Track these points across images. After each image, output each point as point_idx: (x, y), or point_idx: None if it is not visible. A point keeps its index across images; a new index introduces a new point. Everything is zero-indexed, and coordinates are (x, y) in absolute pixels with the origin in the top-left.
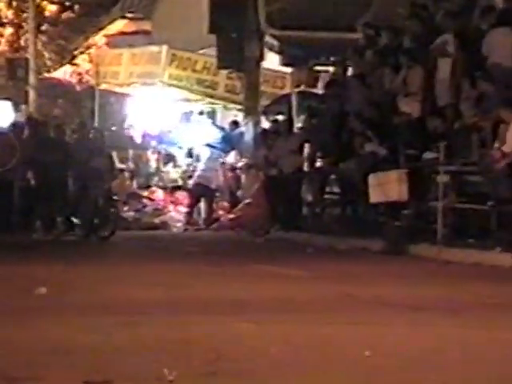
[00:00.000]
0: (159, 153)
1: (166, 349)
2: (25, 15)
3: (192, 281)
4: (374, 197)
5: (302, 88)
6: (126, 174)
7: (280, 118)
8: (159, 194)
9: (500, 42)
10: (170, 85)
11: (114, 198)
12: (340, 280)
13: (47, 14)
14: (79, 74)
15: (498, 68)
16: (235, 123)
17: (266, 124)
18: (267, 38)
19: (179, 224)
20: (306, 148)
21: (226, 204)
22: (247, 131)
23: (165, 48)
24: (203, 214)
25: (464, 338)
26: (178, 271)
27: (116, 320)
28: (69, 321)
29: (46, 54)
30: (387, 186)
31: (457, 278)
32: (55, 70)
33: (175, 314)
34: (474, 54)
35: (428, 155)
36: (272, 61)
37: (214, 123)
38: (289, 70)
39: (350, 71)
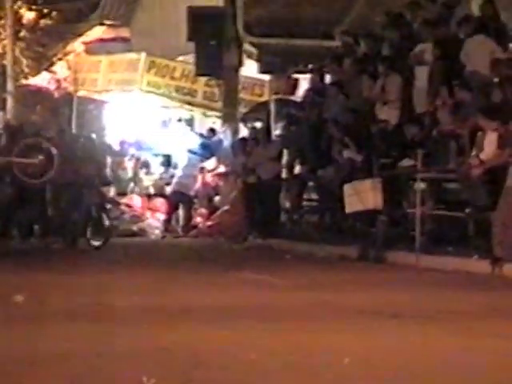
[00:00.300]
0: (137, 160)
1: (145, 356)
2: (2, 22)
3: (170, 288)
4: (350, 206)
5: (281, 95)
6: None
7: (258, 125)
8: (137, 202)
9: (477, 50)
10: (148, 92)
11: (107, 206)
12: (319, 287)
13: (25, 20)
14: (57, 80)
15: (475, 76)
16: (212, 131)
17: (244, 131)
18: (245, 46)
19: (157, 231)
20: (285, 155)
21: (204, 211)
22: (225, 138)
23: (143, 55)
24: (181, 221)
25: (443, 345)
26: (156, 278)
27: (94, 328)
28: (46, 329)
29: (24, 61)
30: (362, 195)
31: (435, 285)
32: (33, 76)
33: (154, 322)
34: (452, 62)
35: (406, 162)
36: (250, 68)
37: (192, 130)
38: (267, 77)
39: (327, 79)
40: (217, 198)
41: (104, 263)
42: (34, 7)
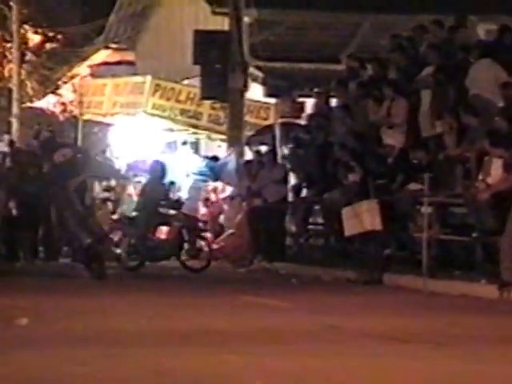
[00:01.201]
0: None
1: (148, 381)
2: (9, 45)
3: (175, 312)
4: (349, 229)
5: (286, 119)
6: (109, 204)
7: (263, 148)
8: None
9: (482, 74)
10: (154, 115)
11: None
12: (324, 311)
13: (31, 44)
14: (63, 103)
15: (479, 99)
16: (215, 158)
17: (249, 154)
18: (251, 69)
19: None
20: (291, 178)
21: (209, 234)
22: (230, 161)
23: (148, 78)
24: (186, 245)
25: (451, 370)
26: (161, 302)
27: (97, 351)
28: (49, 352)
29: (29, 84)
30: (360, 217)
31: (442, 309)
32: (38, 99)
33: (158, 346)
34: (457, 86)
35: (412, 186)
36: (256, 91)
37: (196, 153)
38: (273, 100)
39: (333, 102)
40: (221, 220)
41: (108, 286)
42: (39, 31)
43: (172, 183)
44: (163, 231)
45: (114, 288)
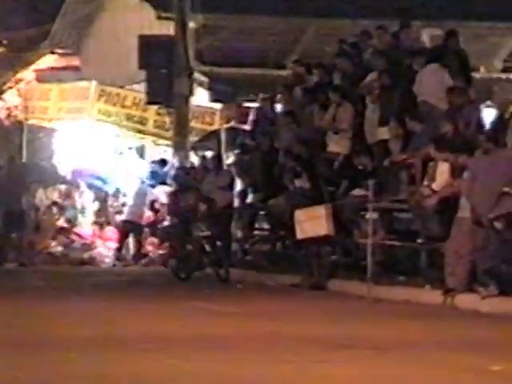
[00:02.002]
0: (89, 188)
1: None
2: None
3: (121, 317)
4: (301, 233)
5: (232, 124)
6: (55, 209)
7: (208, 154)
8: (87, 230)
9: (429, 79)
10: (99, 120)
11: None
12: (269, 317)
13: None
14: (7, 108)
15: (425, 106)
16: (163, 161)
17: (195, 160)
18: (196, 74)
19: (108, 260)
20: (238, 184)
21: (154, 239)
22: (175, 167)
23: (93, 83)
24: (132, 250)
25: (393, 376)
26: (108, 308)
27: (45, 357)
28: None
29: None
30: (315, 222)
31: (386, 315)
32: None
33: (107, 351)
34: (403, 92)
35: (357, 192)
36: (201, 97)
37: (142, 158)
38: (218, 106)
39: (278, 108)
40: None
41: (55, 292)
42: None
43: (117, 190)
44: None
45: (56, 293)
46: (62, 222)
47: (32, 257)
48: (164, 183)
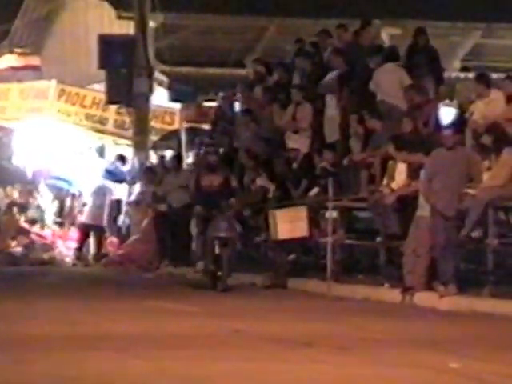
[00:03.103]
0: (50, 188)
1: None
2: None
3: (83, 317)
4: (283, 233)
5: (191, 124)
6: (15, 209)
7: (168, 153)
8: (48, 230)
9: (387, 78)
10: (59, 120)
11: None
12: (230, 316)
13: None
14: None
15: (385, 105)
16: (122, 158)
17: (154, 159)
18: (156, 74)
19: (68, 260)
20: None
21: (114, 239)
22: (135, 166)
23: (53, 82)
24: (92, 250)
25: (355, 374)
26: (69, 307)
27: (7, 357)
28: None
29: None
30: (295, 223)
31: (346, 313)
32: None
33: (68, 351)
34: (362, 90)
35: (315, 191)
36: (161, 96)
37: (101, 157)
38: (178, 105)
39: (237, 107)
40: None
41: (16, 292)
42: None
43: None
44: None
45: (17, 293)
46: (22, 222)
47: None
48: (122, 181)
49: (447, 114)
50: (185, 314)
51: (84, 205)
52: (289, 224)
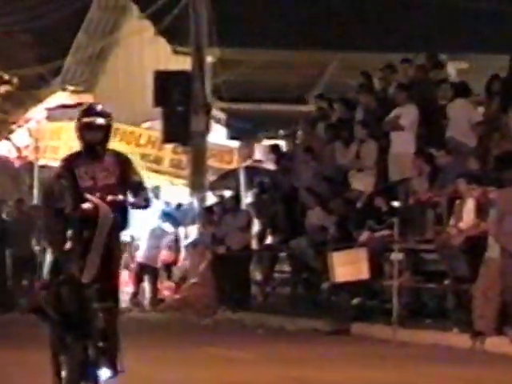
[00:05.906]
0: None
1: None
2: None
3: (137, 365)
4: (341, 276)
5: (251, 163)
6: None
7: (227, 193)
8: None
9: (457, 114)
10: None
11: None
12: (290, 363)
13: None
14: (18, 149)
15: (452, 141)
16: (179, 206)
17: (212, 200)
18: (214, 111)
19: (123, 305)
20: (255, 225)
21: (171, 283)
22: (193, 207)
23: None
24: (147, 294)
25: None
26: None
27: None
28: None
29: None
30: (355, 265)
31: (413, 360)
32: None
33: None
34: (430, 127)
35: (381, 232)
36: (219, 134)
37: (157, 198)
38: (236, 144)
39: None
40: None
41: None
42: None
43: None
44: None
45: None
46: None
47: None
48: (179, 224)
49: None
50: (242, 361)
51: (136, 249)
52: (348, 266)
